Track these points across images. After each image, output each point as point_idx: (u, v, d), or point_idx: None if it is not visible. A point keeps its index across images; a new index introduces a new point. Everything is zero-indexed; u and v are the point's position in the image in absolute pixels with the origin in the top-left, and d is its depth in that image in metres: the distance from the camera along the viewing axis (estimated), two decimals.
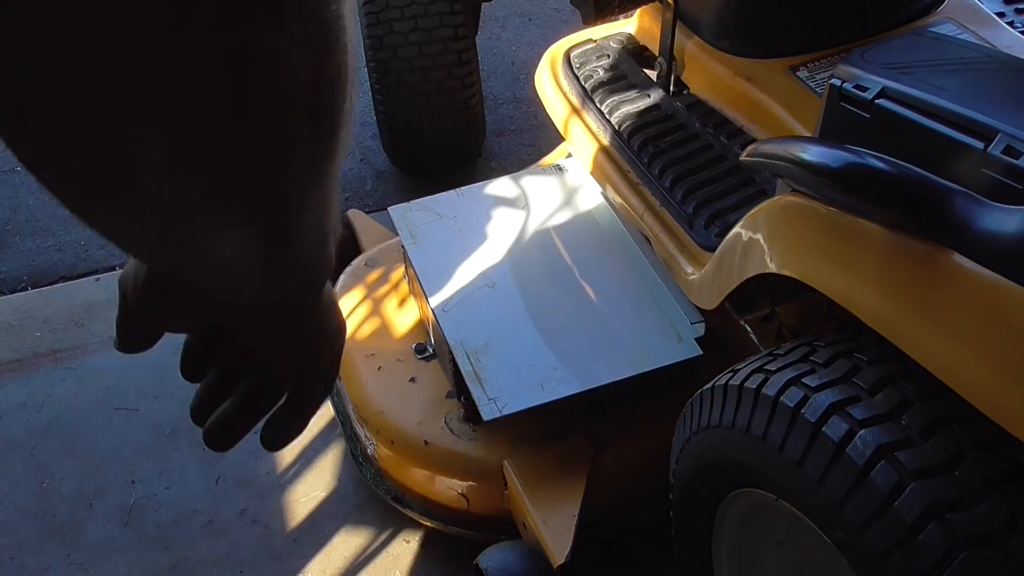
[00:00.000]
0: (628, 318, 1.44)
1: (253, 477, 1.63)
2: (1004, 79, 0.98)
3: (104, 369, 1.84)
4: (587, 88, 1.58)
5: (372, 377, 1.53)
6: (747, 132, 1.41)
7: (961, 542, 0.78)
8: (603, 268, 1.52)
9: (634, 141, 1.45)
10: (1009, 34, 1.34)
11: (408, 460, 1.47)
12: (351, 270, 1.73)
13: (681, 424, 1.16)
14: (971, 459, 0.82)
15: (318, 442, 1.69)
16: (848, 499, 0.85)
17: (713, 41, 1.46)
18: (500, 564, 1.29)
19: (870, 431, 0.86)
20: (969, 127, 0.84)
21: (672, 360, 1.36)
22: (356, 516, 1.58)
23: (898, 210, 0.85)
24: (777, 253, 1.04)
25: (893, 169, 0.85)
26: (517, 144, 2.48)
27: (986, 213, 0.78)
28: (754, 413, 0.97)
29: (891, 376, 0.90)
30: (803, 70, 1.36)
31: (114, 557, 1.53)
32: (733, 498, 1.09)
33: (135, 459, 1.67)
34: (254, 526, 1.57)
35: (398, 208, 1.67)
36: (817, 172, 0.91)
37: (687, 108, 1.48)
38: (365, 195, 2.34)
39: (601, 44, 1.67)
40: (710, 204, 1.34)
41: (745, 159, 1.10)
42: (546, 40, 2.40)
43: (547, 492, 1.35)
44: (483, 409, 1.33)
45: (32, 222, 2.29)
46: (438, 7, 2.02)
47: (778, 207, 1.03)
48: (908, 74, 0.94)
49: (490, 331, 1.43)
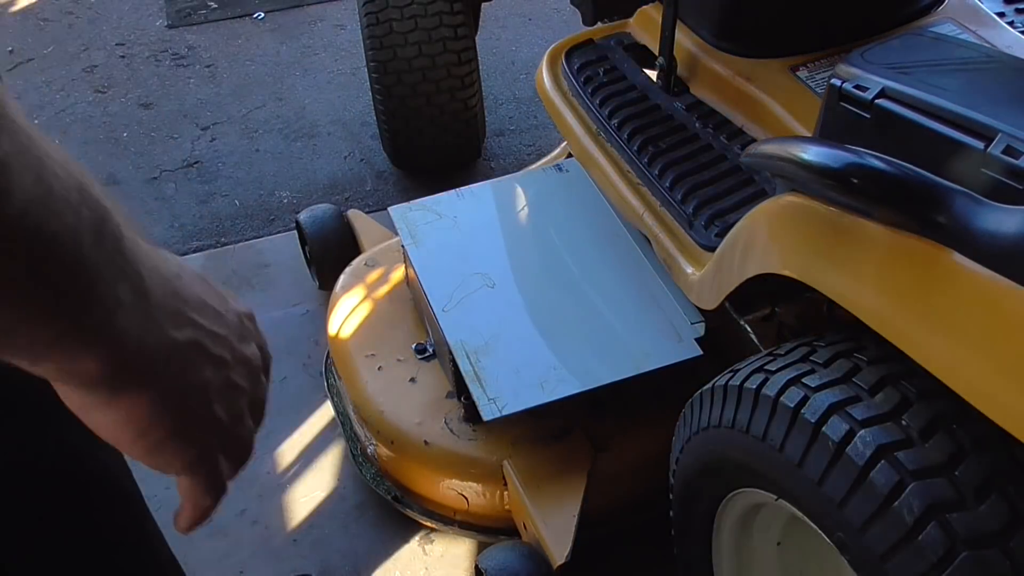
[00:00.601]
0: (628, 318, 1.44)
1: (253, 477, 1.63)
2: (1004, 79, 0.98)
3: None
4: (587, 88, 1.58)
5: (372, 377, 1.53)
6: (747, 132, 1.41)
7: (961, 542, 0.78)
8: (603, 268, 1.52)
9: (634, 141, 1.45)
10: (1009, 34, 1.34)
11: (408, 460, 1.47)
12: (351, 270, 1.73)
13: (681, 424, 1.16)
14: (971, 459, 0.82)
15: (318, 442, 1.69)
16: (848, 499, 0.85)
17: (713, 41, 1.46)
18: (500, 564, 1.29)
19: (870, 431, 0.86)
20: (969, 127, 0.83)
21: (672, 360, 1.36)
22: (356, 516, 1.57)
23: (898, 210, 0.85)
24: (777, 253, 1.04)
25: (893, 169, 0.85)
26: (517, 144, 2.48)
27: (986, 213, 0.78)
28: (754, 413, 0.97)
29: (891, 376, 0.90)
30: (803, 70, 1.36)
31: None
32: (733, 498, 1.09)
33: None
34: (254, 526, 1.57)
35: (398, 208, 1.67)
36: (817, 172, 0.91)
37: (687, 108, 1.48)
38: (365, 195, 2.34)
39: (601, 44, 1.67)
40: (710, 204, 1.33)
41: (745, 159, 1.10)
42: (546, 40, 2.40)
43: (547, 492, 1.35)
44: (483, 409, 1.32)
45: None
46: (438, 7, 2.01)
47: (778, 207, 1.03)
48: (908, 74, 0.94)
49: (490, 331, 1.43)
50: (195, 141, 2.53)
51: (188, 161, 2.46)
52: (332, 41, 2.91)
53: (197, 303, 0.46)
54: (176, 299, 0.45)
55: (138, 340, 0.42)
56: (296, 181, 2.39)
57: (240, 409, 0.50)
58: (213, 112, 2.63)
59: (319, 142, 2.50)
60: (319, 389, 1.74)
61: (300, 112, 2.61)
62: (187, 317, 0.45)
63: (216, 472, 0.50)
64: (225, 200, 2.34)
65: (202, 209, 2.31)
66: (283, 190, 2.36)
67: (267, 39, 2.93)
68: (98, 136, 2.55)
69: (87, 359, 0.40)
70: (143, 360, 0.43)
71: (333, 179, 2.39)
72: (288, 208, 2.30)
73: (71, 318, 0.39)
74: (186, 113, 2.63)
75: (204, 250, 2.15)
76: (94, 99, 2.69)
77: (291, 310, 1.95)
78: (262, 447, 1.67)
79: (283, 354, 1.85)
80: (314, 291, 1.96)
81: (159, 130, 2.57)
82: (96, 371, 0.41)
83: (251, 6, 3.07)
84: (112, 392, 0.43)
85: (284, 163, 2.44)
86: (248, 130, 2.56)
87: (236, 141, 2.52)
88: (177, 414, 0.45)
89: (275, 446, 1.68)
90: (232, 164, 2.44)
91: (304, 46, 2.89)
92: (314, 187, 2.37)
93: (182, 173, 2.42)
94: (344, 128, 2.56)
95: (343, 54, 2.84)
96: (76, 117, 2.62)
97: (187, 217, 2.29)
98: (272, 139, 2.52)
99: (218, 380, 0.47)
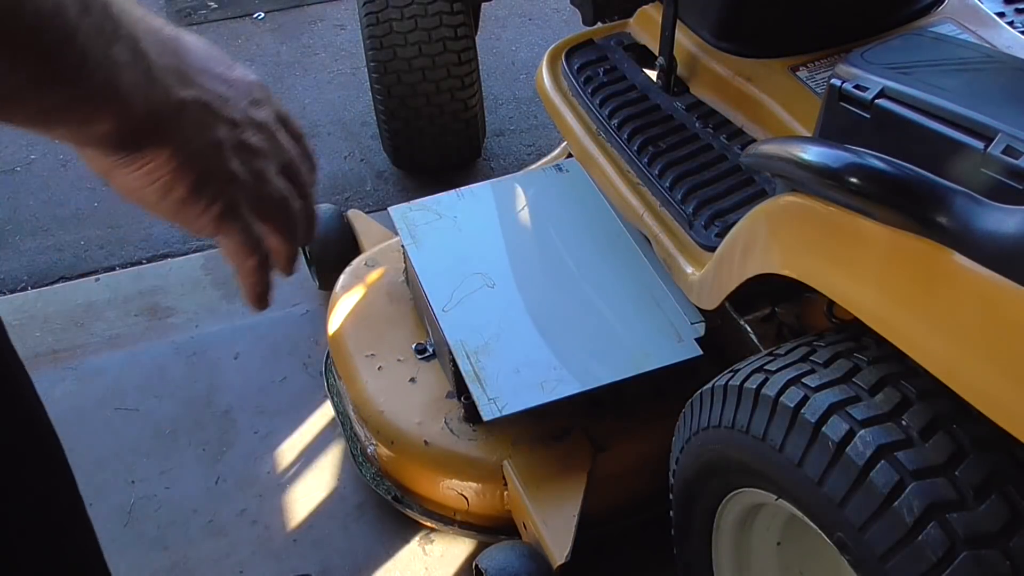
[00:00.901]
0: (628, 318, 1.44)
1: (253, 477, 1.63)
2: (1004, 79, 0.98)
3: (104, 369, 1.84)
4: (587, 88, 1.58)
5: (372, 377, 1.53)
6: (747, 132, 1.41)
7: (961, 542, 0.78)
8: (603, 268, 1.52)
9: (634, 141, 1.45)
10: (1009, 34, 1.34)
11: (408, 460, 1.47)
12: (351, 270, 1.73)
13: (681, 424, 1.16)
14: (971, 459, 0.82)
15: (318, 442, 1.69)
16: (848, 499, 0.85)
17: (713, 41, 1.46)
18: (500, 564, 1.29)
19: (870, 431, 0.86)
20: (969, 127, 0.83)
21: (672, 360, 1.36)
22: (356, 516, 1.58)
23: (898, 210, 0.85)
24: (777, 253, 1.04)
25: (893, 169, 0.85)
26: (517, 144, 2.48)
27: (986, 213, 0.78)
28: (754, 413, 0.97)
29: (891, 376, 0.90)
30: (803, 70, 1.36)
31: (114, 557, 1.51)
32: (733, 498, 1.09)
33: (135, 459, 1.67)
34: (254, 526, 1.57)
35: (398, 208, 1.67)
36: (817, 172, 0.91)
37: (687, 108, 1.48)
38: (365, 195, 2.34)
39: (601, 44, 1.67)
40: (710, 204, 1.33)
41: (745, 159, 1.10)
42: (546, 40, 2.40)
43: (547, 492, 1.35)
44: (483, 409, 1.33)
45: (32, 222, 2.29)
46: (438, 7, 2.01)
47: (778, 207, 1.03)
48: (908, 74, 0.94)
49: (490, 331, 1.43)
50: None
51: None
52: (332, 41, 2.91)
53: (200, 65, 0.49)
54: (177, 59, 0.47)
55: (145, 99, 0.45)
56: None
57: (260, 169, 0.51)
58: None
59: (319, 142, 2.50)
60: (319, 389, 1.74)
61: (300, 112, 2.61)
62: (191, 78, 0.48)
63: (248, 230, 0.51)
64: None
65: None
66: None
67: (267, 39, 2.93)
68: None
69: (99, 121, 0.43)
70: (154, 118, 0.45)
71: (333, 179, 2.39)
72: None
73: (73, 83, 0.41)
74: None
75: (204, 250, 2.15)
76: None
77: (291, 310, 1.95)
78: (262, 447, 1.67)
79: (283, 354, 1.85)
80: (314, 291, 1.96)
81: None
82: (111, 131, 0.44)
83: (251, 6, 3.07)
84: (131, 151, 0.46)
85: None
86: None
87: None
88: (196, 169, 0.48)
89: (275, 446, 1.68)
90: None
91: (304, 46, 2.89)
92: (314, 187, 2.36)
93: None
94: (344, 128, 2.56)
95: (343, 54, 2.84)
96: None
97: None
98: None
99: (232, 139, 0.49)
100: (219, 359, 1.85)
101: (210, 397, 1.77)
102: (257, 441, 1.69)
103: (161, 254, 2.18)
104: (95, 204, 2.33)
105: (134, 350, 1.88)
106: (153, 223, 2.26)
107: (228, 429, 1.71)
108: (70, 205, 2.33)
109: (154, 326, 1.93)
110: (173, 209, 0.49)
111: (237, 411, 1.74)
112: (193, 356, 1.85)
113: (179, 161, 0.47)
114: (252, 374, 1.81)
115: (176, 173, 0.47)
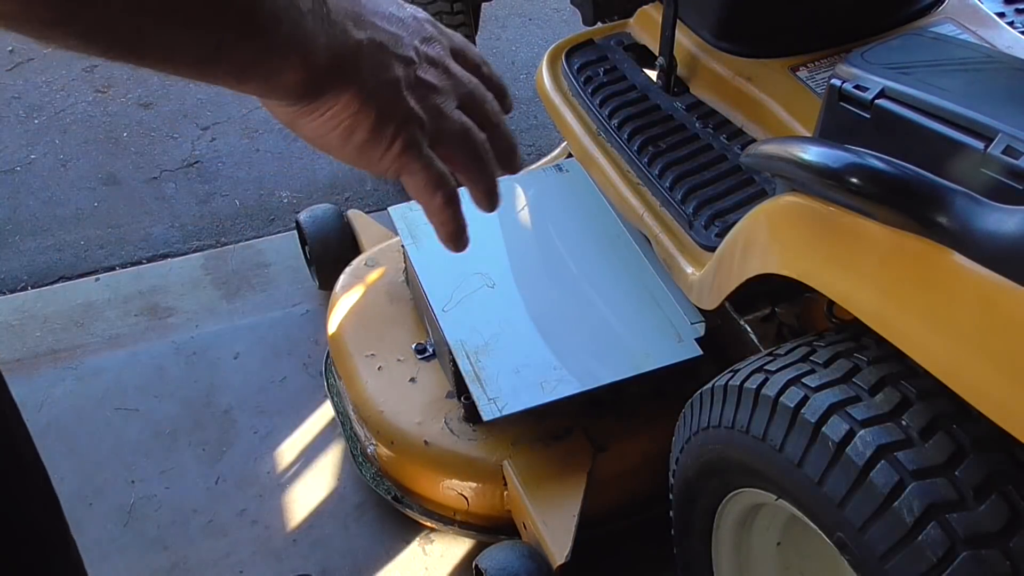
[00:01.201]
0: (628, 318, 1.44)
1: (253, 477, 1.63)
2: (1004, 79, 0.98)
3: (104, 369, 1.84)
4: (587, 88, 1.58)
5: (372, 377, 1.53)
6: (747, 132, 1.41)
7: (961, 542, 0.78)
8: (603, 268, 1.52)
9: (634, 141, 1.45)
10: (1009, 34, 1.34)
11: (408, 460, 1.47)
12: (351, 270, 1.73)
13: (681, 424, 1.16)
14: (971, 459, 0.82)
15: (318, 442, 1.69)
16: (848, 499, 0.85)
17: (713, 41, 1.46)
18: (500, 564, 1.29)
19: (870, 431, 0.86)
20: (969, 127, 0.83)
21: (672, 360, 1.36)
22: (356, 516, 1.58)
23: (898, 210, 0.85)
24: (777, 253, 1.04)
25: (893, 169, 0.85)
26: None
27: (986, 213, 0.78)
28: (754, 413, 0.97)
29: (891, 376, 0.90)
30: (803, 70, 1.36)
31: (114, 557, 1.53)
32: (733, 498, 1.09)
33: (135, 459, 1.67)
34: (254, 526, 1.57)
35: (398, 208, 1.67)
36: (817, 172, 0.91)
37: (687, 108, 1.48)
38: (365, 195, 2.34)
39: (601, 44, 1.67)
40: (710, 204, 1.33)
41: (745, 159, 1.10)
42: (546, 40, 2.40)
43: (547, 492, 1.35)
44: (483, 409, 1.33)
45: (32, 222, 2.29)
46: (438, 7, 2.01)
47: (778, 207, 1.03)
48: (908, 74, 0.94)
49: (490, 331, 1.43)
50: (195, 141, 2.53)
51: (188, 161, 2.46)
52: None
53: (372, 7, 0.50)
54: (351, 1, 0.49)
55: (327, 45, 0.46)
56: (296, 181, 2.39)
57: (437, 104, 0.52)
58: (213, 112, 2.63)
59: None
60: (319, 389, 1.74)
61: None
62: (365, 19, 0.49)
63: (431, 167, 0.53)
64: (225, 200, 2.34)
65: (202, 209, 2.31)
66: (283, 190, 2.36)
67: None
68: (98, 136, 2.55)
69: (287, 70, 0.45)
70: (335, 62, 0.47)
71: (333, 179, 2.39)
72: (288, 208, 2.30)
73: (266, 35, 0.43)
74: (186, 113, 2.63)
75: (204, 250, 2.15)
76: (94, 99, 2.69)
77: (291, 310, 1.95)
78: (262, 447, 1.67)
79: (283, 354, 1.85)
80: (314, 291, 1.96)
81: (159, 130, 2.57)
82: (297, 79, 0.46)
83: None
84: (314, 98, 0.47)
85: (284, 163, 2.44)
86: (248, 130, 2.56)
87: (236, 141, 2.52)
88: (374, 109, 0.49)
89: (275, 446, 1.68)
90: (232, 164, 2.45)
91: None
92: (314, 187, 2.37)
93: (182, 173, 2.42)
94: None
95: None
96: (76, 117, 2.62)
97: (187, 217, 2.29)
98: (272, 139, 2.52)
99: (408, 77, 0.51)
100: (219, 359, 1.85)
101: (210, 397, 1.77)
102: (257, 441, 1.69)
103: (161, 254, 2.18)
104: (95, 204, 2.33)
105: (134, 350, 1.88)
106: (153, 223, 2.26)
107: (228, 429, 1.71)
108: (70, 205, 2.33)
109: (154, 326, 1.93)
110: (355, 152, 0.50)
111: (237, 411, 1.74)
112: (193, 356, 1.86)
113: (359, 103, 0.48)
114: (252, 374, 1.81)
115: (357, 116, 0.49)
